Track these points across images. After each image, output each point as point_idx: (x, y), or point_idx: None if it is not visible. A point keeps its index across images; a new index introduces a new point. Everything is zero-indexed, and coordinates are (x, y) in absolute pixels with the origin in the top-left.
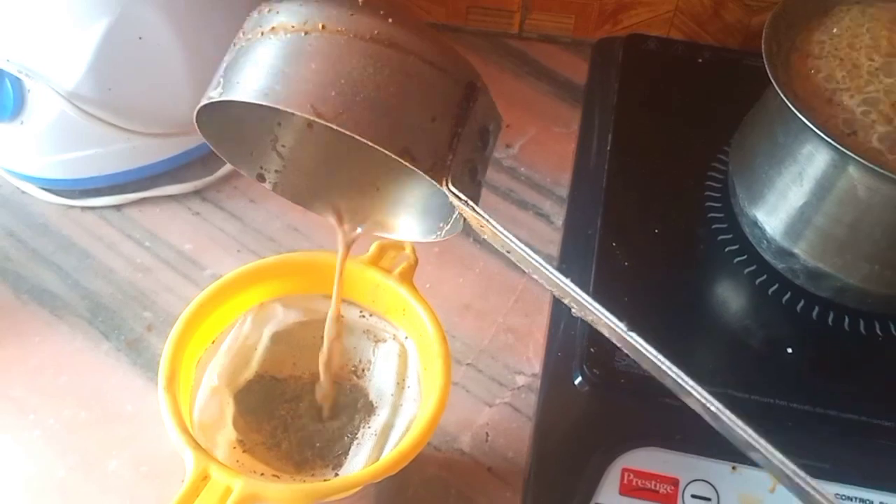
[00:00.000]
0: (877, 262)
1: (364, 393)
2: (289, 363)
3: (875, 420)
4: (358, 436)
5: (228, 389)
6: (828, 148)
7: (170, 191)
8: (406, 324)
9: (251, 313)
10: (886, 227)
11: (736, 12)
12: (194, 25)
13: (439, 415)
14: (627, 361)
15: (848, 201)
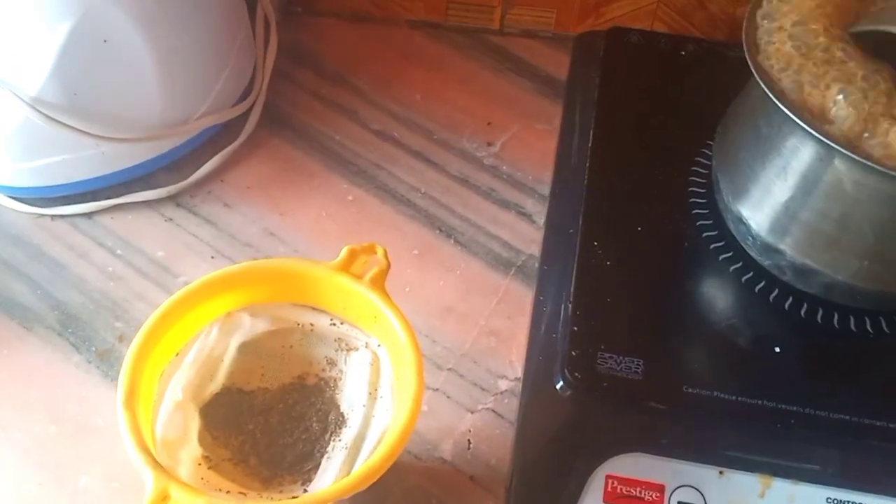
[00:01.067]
0: (865, 257)
1: (335, 404)
2: (257, 374)
3: (866, 420)
4: (328, 449)
5: (193, 403)
6: (812, 140)
7: (142, 196)
8: (378, 331)
9: (217, 323)
10: (875, 221)
11: (720, 2)
12: (162, 27)
13: (411, 427)
14: (610, 365)
15: (835, 195)
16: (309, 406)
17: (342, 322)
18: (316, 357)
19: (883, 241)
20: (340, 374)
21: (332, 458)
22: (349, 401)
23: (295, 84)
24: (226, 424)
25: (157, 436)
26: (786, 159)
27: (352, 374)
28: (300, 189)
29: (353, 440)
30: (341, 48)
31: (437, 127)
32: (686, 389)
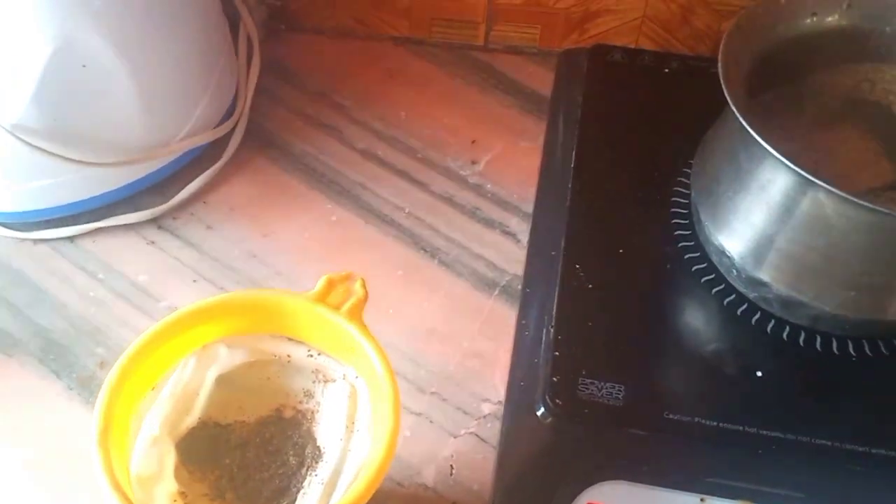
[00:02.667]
0: (853, 288)
1: (312, 437)
2: (234, 407)
3: (848, 445)
4: (304, 485)
5: (170, 438)
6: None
7: (124, 220)
8: (356, 363)
9: (193, 356)
10: (861, 252)
11: (705, 18)
12: (141, 51)
13: (387, 464)
14: (591, 391)
15: (819, 228)
16: (286, 439)
17: (320, 353)
18: (293, 389)
19: (869, 271)
20: (318, 407)
21: (308, 494)
22: (326, 434)
23: (278, 103)
24: (202, 459)
25: (133, 472)
26: (767, 192)
27: (329, 407)
28: (283, 210)
29: (330, 475)
30: (325, 65)
31: (421, 145)
32: (667, 415)
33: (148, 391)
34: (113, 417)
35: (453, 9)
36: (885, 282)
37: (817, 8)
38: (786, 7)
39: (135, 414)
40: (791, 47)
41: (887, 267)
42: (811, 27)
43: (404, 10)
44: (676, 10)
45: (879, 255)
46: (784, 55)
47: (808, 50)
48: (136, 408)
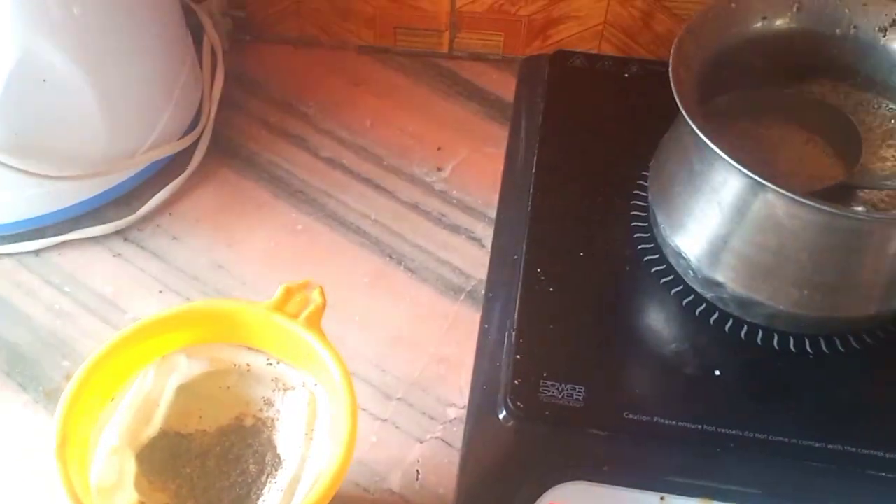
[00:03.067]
0: (805, 286)
1: (273, 445)
2: (195, 417)
3: (805, 441)
4: (264, 492)
5: (130, 448)
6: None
7: (90, 232)
8: (314, 370)
9: (153, 366)
10: (812, 250)
11: (665, 22)
12: (102, 64)
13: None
14: (552, 393)
15: (770, 228)
16: (246, 448)
17: (279, 362)
18: (253, 397)
19: (821, 270)
20: (278, 415)
21: (268, 501)
22: (286, 441)
23: (243, 113)
24: (162, 469)
25: (93, 483)
26: (719, 194)
27: (289, 414)
28: (249, 219)
29: (290, 482)
30: (290, 75)
31: (386, 153)
32: (626, 416)
33: (108, 402)
34: (71, 429)
35: (417, 17)
36: (836, 280)
37: (767, 12)
38: (736, 11)
39: (95, 425)
40: (742, 51)
41: (838, 265)
42: (762, 30)
43: (368, 19)
44: (637, 16)
45: (830, 254)
46: (736, 58)
47: (759, 53)
48: (96, 419)
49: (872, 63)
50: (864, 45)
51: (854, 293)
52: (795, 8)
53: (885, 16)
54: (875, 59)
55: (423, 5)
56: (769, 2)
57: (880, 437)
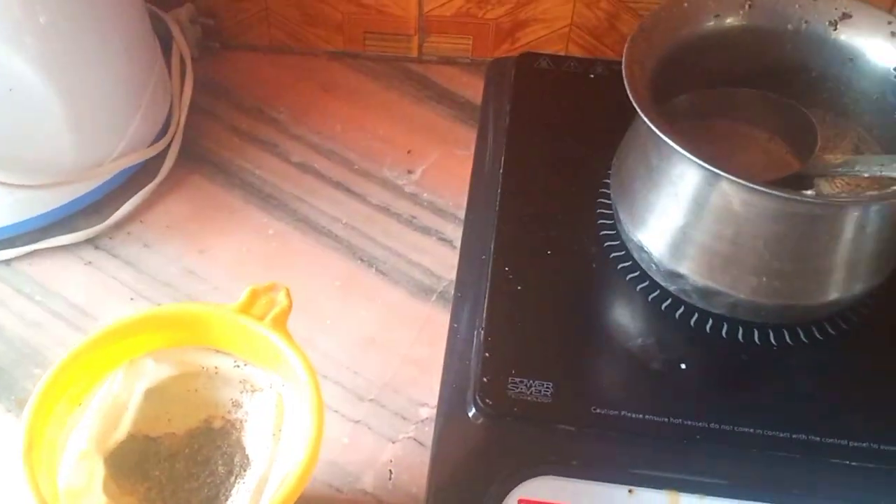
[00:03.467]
0: (763, 273)
1: (241, 446)
2: (163, 420)
3: (770, 432)
4: (232, 492)
5: (98, 452)
6: (698, 168)
7: (60, 241)
8: (282, 371)
9: (121, 371)
10: (767, 238)
11: (630, 23)
12: (68, 72)
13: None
14: (520, 389)
15: (726, 217)
16: (215, 449)
17: (246, 364)
18: (221, 400)
19: (778, 257)
20: (246, 416)
21: (236, 501)
22: (254, 442)
23: (213, 119)
24: (131, 472)
25: (61, 487)
26: (676, 186)
27: (257, 416)
28: (220, 225)
29: (258, 482)
30: (260, 82)
31: (357, 157)
32: (594, 410)
33: (76, 407)
34: (38, 433)
35: (386, 22)
36: (793, 267)
37: (720, 9)
38: (689, 10)
39: (63, 430)
40: (696, 49)
41: (794, 252)
42: (714, 28)
43: (337, 25)
44: (602, 17)
45: (786, 241)
46: (691, 57)
47: (713, 51)
48: (64, 424)
49: (825, 57)
50: (815, 39)
51: (812, 279)
52: (747, 6)
53: (835, 10)
54: (827, 53)
55: (391, 10)
56: (721, 0)
57: (843, 427)
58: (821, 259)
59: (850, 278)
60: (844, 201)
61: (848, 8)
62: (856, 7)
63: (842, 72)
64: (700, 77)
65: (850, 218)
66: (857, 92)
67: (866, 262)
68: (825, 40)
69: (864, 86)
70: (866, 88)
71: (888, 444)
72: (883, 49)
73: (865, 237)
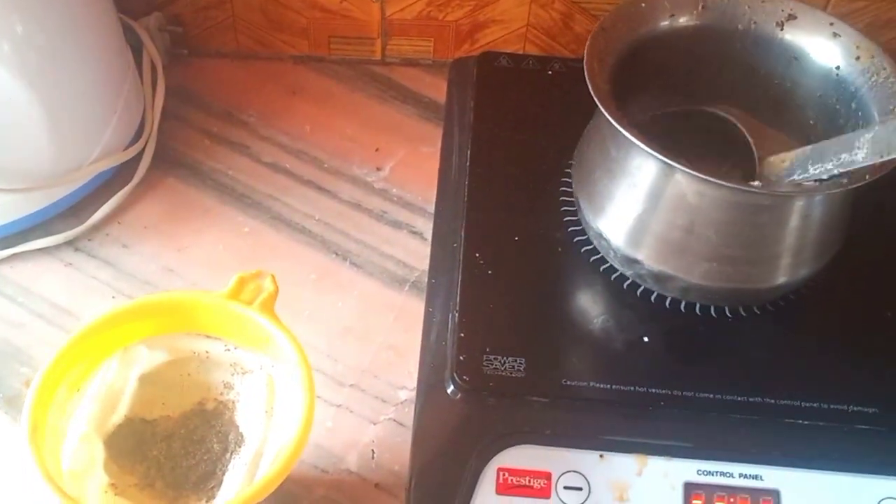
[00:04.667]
0: (714, 259)
1: (234, 425)
2: (158, 403)
3: (728, 396)
4: (229, 467)
5: (98, 435)
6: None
7: (40, 244)
8: (271, 353)
9: (116, 358)
10: (717, 226)
11: (584, 22)
12: (46, 80)
13: (304, 440)
14: (495, 366)
15: (680, 206)
16: (209, 429)
17: (236, 347)
18: (213, 382)
19: (726, 243)
20: (238, 397)
21: (233, 475)
22: (247, 421)
23: (185, 124)
24: (130, 453)
25: (64, 468)
26: (634, 177)
27: (248, 396)
28: (196, 225)
29: (253, 457)
30: (229, 87)
31: (327, 156)
32: (565, 382)
33: (75, 393)
34: (40, 417)
35: (349, 26)
36: (742, 253)
37: (675, 10)
38: (646, 10)
39: (64, 415)
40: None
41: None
42: (669, 28)
43: (302, 30)
44: (557, 18)
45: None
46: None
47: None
48: (64, 410)
49: (772, 56)
50: (763, 39)
51: (760, 265)
52: (700, 6)
53: (781, 11)
54: (774, 52)
55: (354, 14)
56: (676, 1)
57: (795, 389)
58: (768, 246)
59: (796, 263)
60: (789, 192)
61: (793, 10)
62: (800, 9)
63: (787, 70)
64: (656, 73)
65: (795, 207)
66: (802, 89)
67: (811, 248)
68: (772, 40)
69: (807, 83)
70: (810, 86)
71: (835, 403)
72: (825, 48)
73: (810, 225)
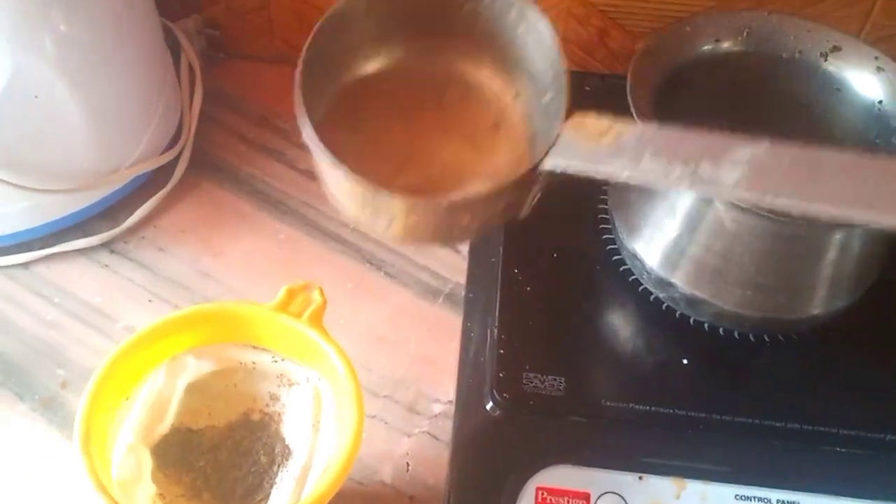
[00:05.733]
0: (748, 287)
1: (281, 437)
2: (204, 413)
3: (767, 422)
4: (276, 480)
5: (145, 444)
6: None
7: (77, 245)
8: (318, 366)
9: (163, 367)
10: (754, 254)
11: (620, 39)
12: (90, 81)
13: (354, 454)
14: (535, 384)
15: (717, 232)
16: (255, 440)
17: (283, 359)
18: (259, 393)
19: (762, 272)
20: (284, 409)
21: (281, 489)
22: (294, 433)
23: (221, 128)
24: (177, 463)
25: (113, 477)
26: (672, 201)
27: (294, 408)
28: (232, 230)
29: (301, 470)
30: (264, 91)
31: None
32: (605, 403)
33: (123, 401)
34: (92, 425)
35: None
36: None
37: (719, 34)
38: (691, 33)
39: (112, 423)
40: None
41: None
42: (713, 52)
43: None
44: (593, 33)
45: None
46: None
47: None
48: (113, 417)
49: (814, 86)
50: (807, 68)
51: (794, 295)
52: (745, 32)
53: (826, 41)
54: (817, 82)
55: None
56: (721, 25)
57: (833, 416)
58: (804, 276)
59: (831, 295)
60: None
61: (838, 41)
62: (845, 41)
63: (829, 101)
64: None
65: (833, 239)
66: (842, 121)
67: (847, 281)
68: (815, 70)
69: (848, 115)
70: (850, 118)
71: (873, 431)
72: (869, 82)
73: (847, 257)
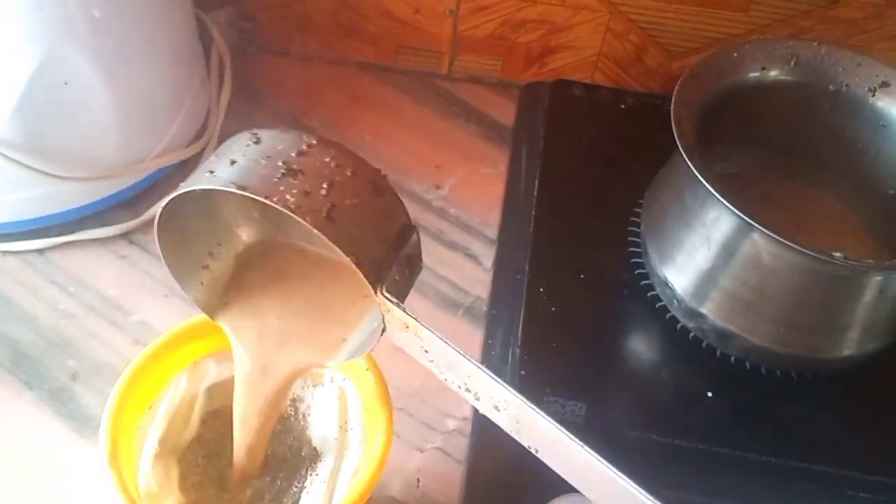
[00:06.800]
0: (781, 323)
1: (307, 440)
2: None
3: (791, 462)
4: (306, 484)
5: (171, 454)
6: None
7: (95, 234)
8: (343, 365)
9: (185, 373)
10: (790, 290)
11: (657, 57)
12: (120, 70)
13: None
14: (555, 408)
15: (753, 266)
16: (281, 444)
17: None
18: None
19: (797, 309)
20: (308, 410)
21: (311, 492)
22: (320, 435)
23: (248, 123)
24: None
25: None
26: (708, 230)
27: (320, 410)
28: None
29: (331, 473)
30: (293, 88)
31: (386, 168)
32: (625, 432)
33: (146, 410)
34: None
35: (419, 38)
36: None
37: (766, 62)
38: (737, 59)
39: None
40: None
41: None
42: (759, 80)
43: (371, 37)
44: (630, 49)
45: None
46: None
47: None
48: (136, 428)
49: (861, 121)
50: (854, 102)
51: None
52: (793, 62)
53: (875, 76)
54: (864, 116)
55: (426, 27)
56: (768, 53)
57: (860, 460)
58: (839, 317)
59: (865, 338)
60: (870, 266)
61: (888, 77)
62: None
63: (874, 137)
64: (739, 125)
65: (872, 282)
66: (887, 157)
67: (882, 324)
68: (863, 104)
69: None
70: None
71: None
72: None
73: (884, 300)
